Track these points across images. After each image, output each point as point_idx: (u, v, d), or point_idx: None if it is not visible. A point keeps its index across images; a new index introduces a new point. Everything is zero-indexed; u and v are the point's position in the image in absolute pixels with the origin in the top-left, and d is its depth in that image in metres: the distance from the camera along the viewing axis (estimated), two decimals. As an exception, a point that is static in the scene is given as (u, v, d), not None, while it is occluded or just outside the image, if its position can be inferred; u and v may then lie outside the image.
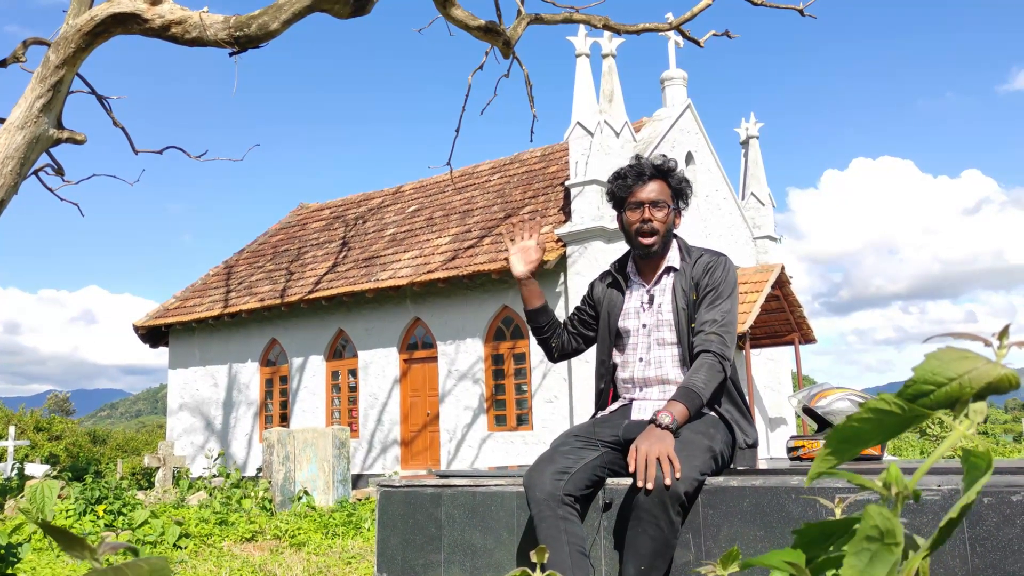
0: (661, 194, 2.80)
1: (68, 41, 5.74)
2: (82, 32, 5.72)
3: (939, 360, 0.58)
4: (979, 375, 0.56)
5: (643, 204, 2.78)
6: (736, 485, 2.39)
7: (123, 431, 44.79)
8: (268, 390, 17.07)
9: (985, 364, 0.56)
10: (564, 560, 2.40)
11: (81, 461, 21.65)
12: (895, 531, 0.58)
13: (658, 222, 2.77)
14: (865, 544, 0.58)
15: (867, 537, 0.58)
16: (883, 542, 0.58)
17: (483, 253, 13.86)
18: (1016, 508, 1.96)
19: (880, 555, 0.58)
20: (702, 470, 2.40)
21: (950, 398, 0.58)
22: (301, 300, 15.60)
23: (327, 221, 19.13)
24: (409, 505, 3.10)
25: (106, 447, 32.96)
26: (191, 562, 5.55)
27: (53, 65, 5.74)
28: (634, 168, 2.83)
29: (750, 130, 17.50)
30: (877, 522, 0.58)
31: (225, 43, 5.84)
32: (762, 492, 2.34)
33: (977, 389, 0.57)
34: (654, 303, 2.84)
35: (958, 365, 0.57)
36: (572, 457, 2.59)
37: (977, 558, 1.97)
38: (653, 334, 2.81)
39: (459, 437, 14.24)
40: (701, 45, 9.52)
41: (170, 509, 8.28)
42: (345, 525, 7.14)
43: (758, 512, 2.33)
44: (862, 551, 0.58)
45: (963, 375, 0.56)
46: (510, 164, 17.23)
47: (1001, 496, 1.97)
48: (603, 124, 13.15)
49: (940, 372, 0.57)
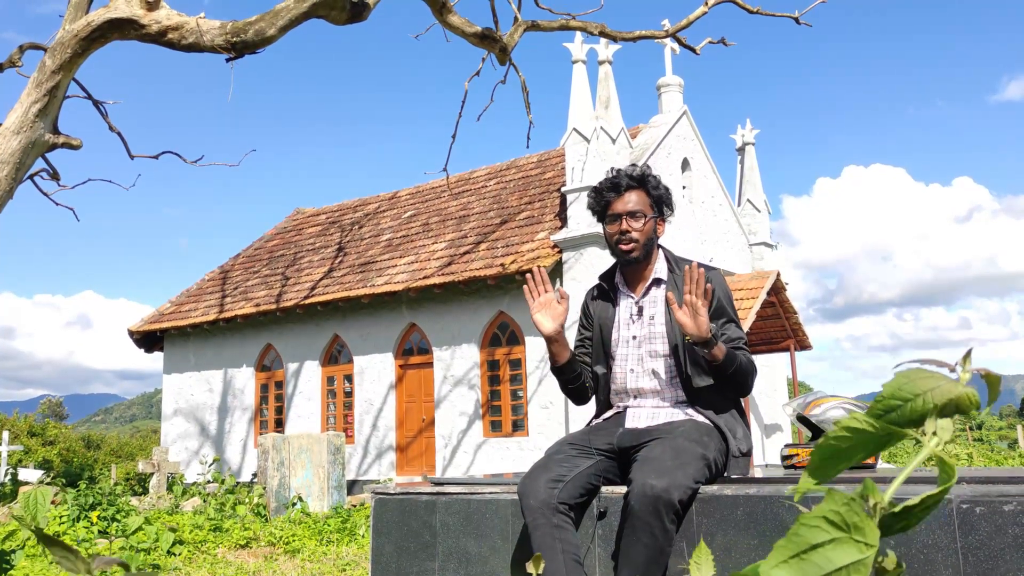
0: (638, 204, 2.81)
1: (64, 46, 5.74)
2: (79, 37, 5.73)
3: (906, 378, 0.62)
4: (941, 392, 0.61)
5: (620, 216, 2.80)
6: (730, 494, 2.40)
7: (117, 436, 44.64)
8: (263, 395, 17.04)
9: (947, 383, 0.61)
10: (559, 568, 2.40)
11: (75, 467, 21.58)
12: (866, 529, 0.57)
13: (636, 232, 2.79)
14: (824, 526, 0.56)
15: (825, 519, 0.56)
16: (851, 536, 0.57)
17: (479, 259, 13.87)
18: (1008, 518, 1.97)
19: (842, 545, 0.56)
20: (696, 478, 2.41)
21: (916, 413, 0.62)
22: (297, 305, 15.59)
23: (323, 226, 19.13)
24: (404, 512, 3.10)
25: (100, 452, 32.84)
26: (185, 569, 5.54)
27: (49, 70, 5.74)
28: (611, 180, 2.84)
29: (746, 136, 17.55)
30: (839, 508, 0.57)
31: (222, 49, 5.85)
32: (756, 501, 2.35)
33: (940, 405, 0.61)
34: (644, 315, 2.85)
35: (923, 383, 0.61)
36: (567, 465, 2.60)
37: (969, 567, 1.98)
38: (644, 346, 2.81)
39: (455, 443, 14.22)
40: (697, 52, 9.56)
41: (164, 515, 8.26)
42: (340, 532, 7.13)
43: (752, 521, 2.34)
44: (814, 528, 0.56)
45: (927, 392, 0.61)
46: (506, 170, 17.25)
47: (993, 506, 1.98)
48: (599, 130, 13.18)
49: (907, 388, 0.62)
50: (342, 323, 15.77)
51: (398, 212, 17.83)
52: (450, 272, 13.88)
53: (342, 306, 15.34)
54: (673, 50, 15.42)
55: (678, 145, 15.20)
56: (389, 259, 15.62)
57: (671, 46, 15.31)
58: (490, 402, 14.04)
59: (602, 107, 13.42)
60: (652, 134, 14.77)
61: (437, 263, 14.46)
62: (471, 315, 14.19)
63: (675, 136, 15.13)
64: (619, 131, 13.35)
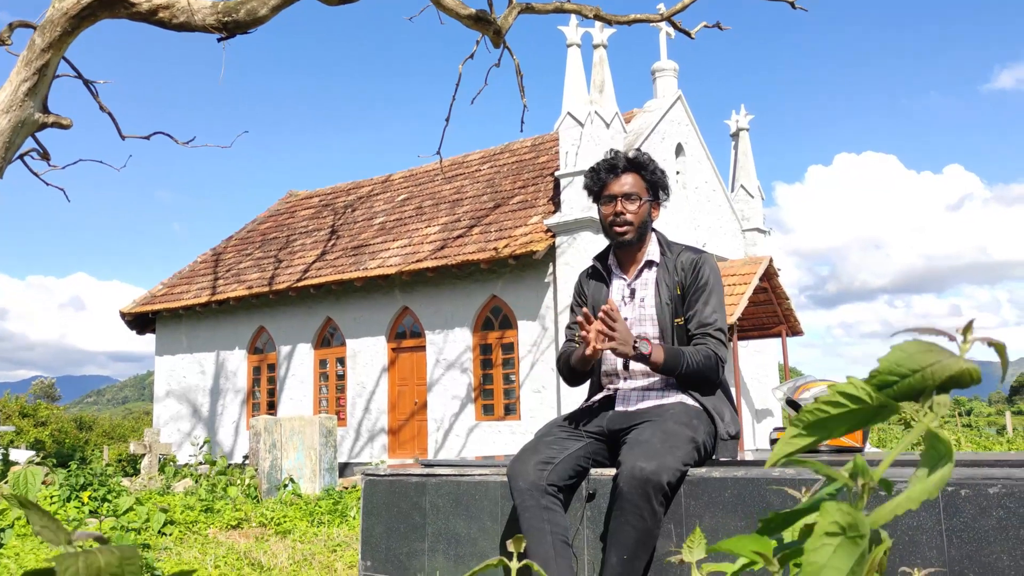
0: (634, 187, 2.83)
1: (54, 24, 5.69)
2: (68, 15, 5.68)
3: (904, 352, 0.59)
4: (942, 368, 0.57)
5: (616, 197, 2.82)
6: (718, 476, 2.41)
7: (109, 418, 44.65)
8: (256, 378, 17.03)
9: (948, 358, 0.58)
10: (547, 550, 2.42)
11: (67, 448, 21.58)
12: (858, 524, 0.58)
13: (631, 214, 2.80)
14: (825, 540, 0.58)
15: (827, 533, 0.58)
16: (846, 535, 0.58)
17: (472, 243, 13.85)
18: (992, 500, 1.98)
19: (844, 548, 0.58)
20: (685, 461, 2.42)
21: (914, 389, 0.59)
22: (289, 288, 15.56)
23: (316, 209, 19.07)
24: (394, 494, 3.11)
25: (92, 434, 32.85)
26: (176, 549, 5.55)
27: (39, 48, 5.69)
28: (608, 162, 2.87)
29: (740, 122, 17.51)
30: (836, 517, 0.58)
31: (213, 28, 5.80)
32: (743, 483, 2.36)
33: (939, 382, 0.58)
34: (636, 297, 2.86)
35: (922, 358, 0.58)
36: (556, 447, 2.61)
37: (954, 549, 1.99)
38: (635, 328, 2.82)
39: (447, 426, 14.26)
40: (692, 36, 9.53)
41: (155, 496, 8.27)
42: (331, 513, 7.15)
43: (739, 503, 2.35)
44: (823, 546, 0.58)
45: (926, 367, 0.58)
46: (500, 154, 17.21)
47: (978, 488, 1.99)
48: (593, 115, 13.14)
49: (905, 364, 0.58)
50: (335, 306, 15.76)
51: (391, 195, 17.78)
52: (443, 256, 13.86)
53: (335, 289, 15.32)
54: (668, 34, 15.36)
55: (672, 130, 15.17)
56: (382, 242, 15.59)
57: (666, 30, 15.25)
58: (482, 386, 14.06)
59: (596, 91, 13.38)
60: (646, 119, 14.73)
61: (430, 247, 14.44)
62: (464, 299, 14.19)
63: (669, 121, 15.09)
64: (613, 115, 13.31)
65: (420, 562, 2.98)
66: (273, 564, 4.85)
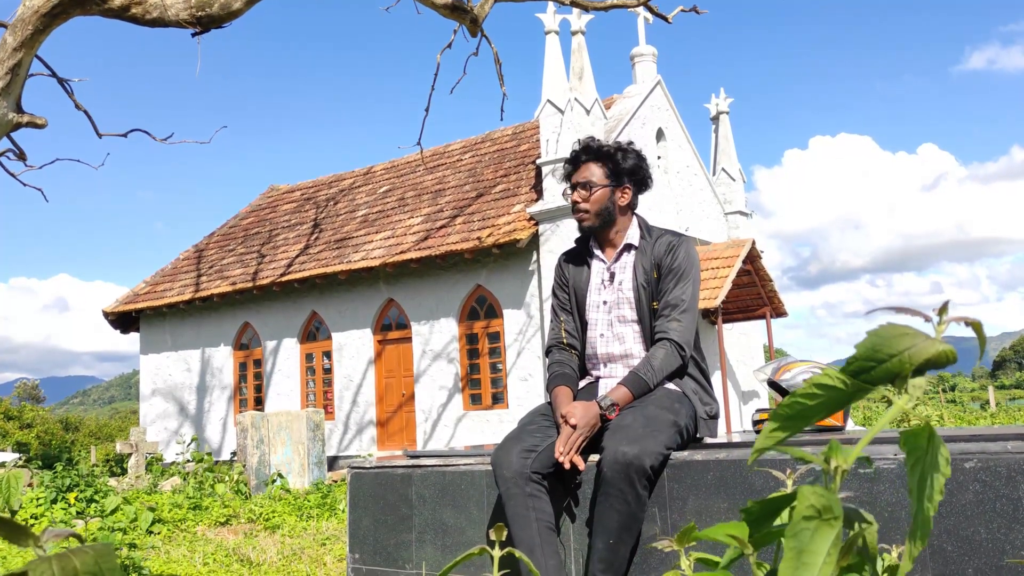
0: (591, 175, 2.88)
1: (25, 23, 5.62)
2: (39, 13, 5.60)
3: (880, 337, 0.59)
4: (919, 351, 0.57)
5: (576, 187, 2.91)
6: (701, 459, 2.43)
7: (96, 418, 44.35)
8: (242, 374, 16.98)
9: (924, 340, 0.58)
10: (533, 537, 2.43)
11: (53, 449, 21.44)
12: (832, 506, 0.59)
13: (586, 202, 2.87)
14: (803, 524, 0.59)
15: (804, 517, 0.59)
16: (821, 518, 0.59)
17: (456, 233, 13.83)
18: (968, 475, 2.01)
19: (820, 531, 0.59)
20: (667, 444, 2.44)
21: (891, 374, 0.59)
22: (273, 283, 15.50)
23: (298, 203, 18.98)
24: (380, 486, 3.11)
25: (79, 434, 32.63)
26: (164, 548, 5.54)
27: (10, 47, 5.62)
28: (572, 152, 2.97)
29: (720, 106, 17.54)
30: (812, 501, 0.60)
31: (187, 23, 5.74)
32: (726, 465, 2.38)
33: (916, 364, 0.58)
34: (615, 280, 2.88)
35: (898, 342, 0.58)
36: (539, 435, 2.62)
37: (932, 524, 2.02)
38: (614, 311, 2.85)
39: (435, 417, 14.27)
40: (669, 21, 9.51)
41: (143, 495, 8.24)
42: (320, 507, 7.15)
43: (722, 485, 2.37)
44: (801, 531, 0.59)
45: (903, 351, 0.58)
46: (481, 143, 17.17)
47: (955, 463, 2.02)
48: (573, 102, 13.13)
49: (881, 349, 0.58)
50: (319, 300, 15.71)
51: (373, 187, 17.72)
52: (427, 247, 13.84)
53: (319, 283, 15.27)
54: (646, 19, 15.34)
55: (652, 115, 15.18)
56: (365, 235, 15.54)
57: (643, 15, 15.23)
58: (469, 375, 14.08)
59: (576, 78, 13.36)
60: (626, 104, 14.73)
61: (414, 238, 14.41)
62: (449, 289, 14.18)
63: (649, 106, 15.10)
64: (593, 102, 13.30)
65: (408, 553, 2.99)
66: (262, 559, 4.85)
